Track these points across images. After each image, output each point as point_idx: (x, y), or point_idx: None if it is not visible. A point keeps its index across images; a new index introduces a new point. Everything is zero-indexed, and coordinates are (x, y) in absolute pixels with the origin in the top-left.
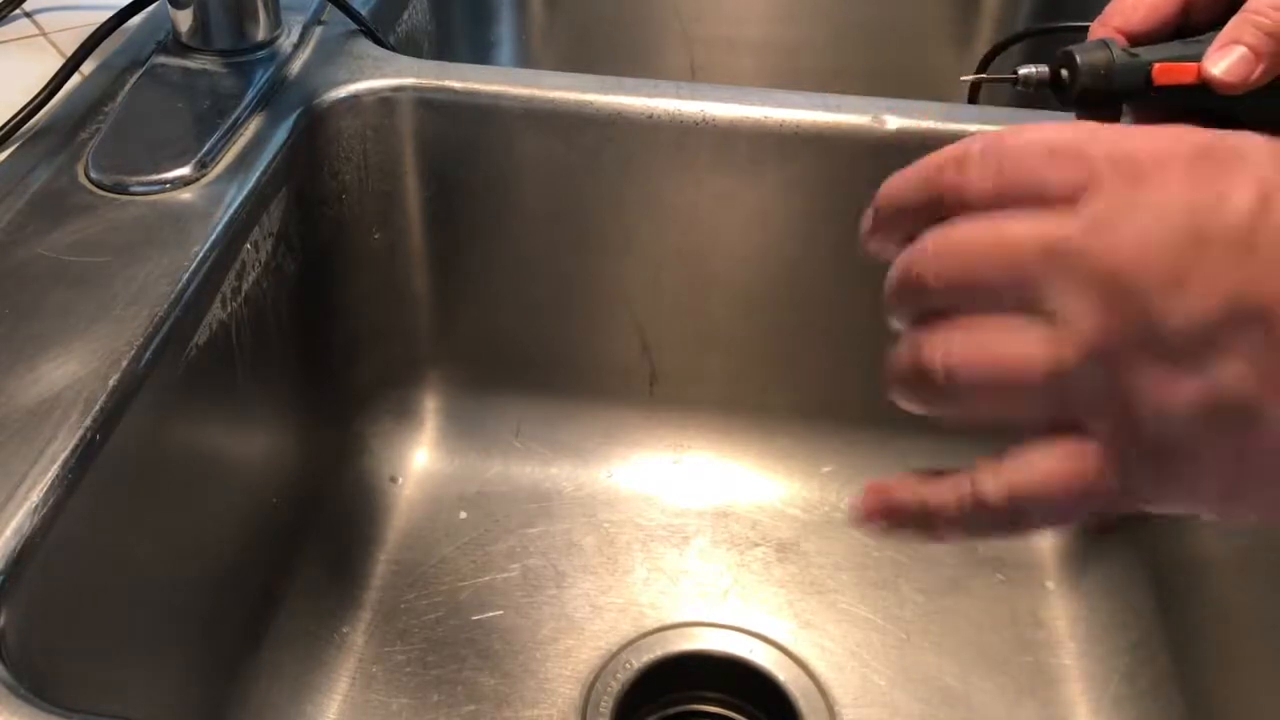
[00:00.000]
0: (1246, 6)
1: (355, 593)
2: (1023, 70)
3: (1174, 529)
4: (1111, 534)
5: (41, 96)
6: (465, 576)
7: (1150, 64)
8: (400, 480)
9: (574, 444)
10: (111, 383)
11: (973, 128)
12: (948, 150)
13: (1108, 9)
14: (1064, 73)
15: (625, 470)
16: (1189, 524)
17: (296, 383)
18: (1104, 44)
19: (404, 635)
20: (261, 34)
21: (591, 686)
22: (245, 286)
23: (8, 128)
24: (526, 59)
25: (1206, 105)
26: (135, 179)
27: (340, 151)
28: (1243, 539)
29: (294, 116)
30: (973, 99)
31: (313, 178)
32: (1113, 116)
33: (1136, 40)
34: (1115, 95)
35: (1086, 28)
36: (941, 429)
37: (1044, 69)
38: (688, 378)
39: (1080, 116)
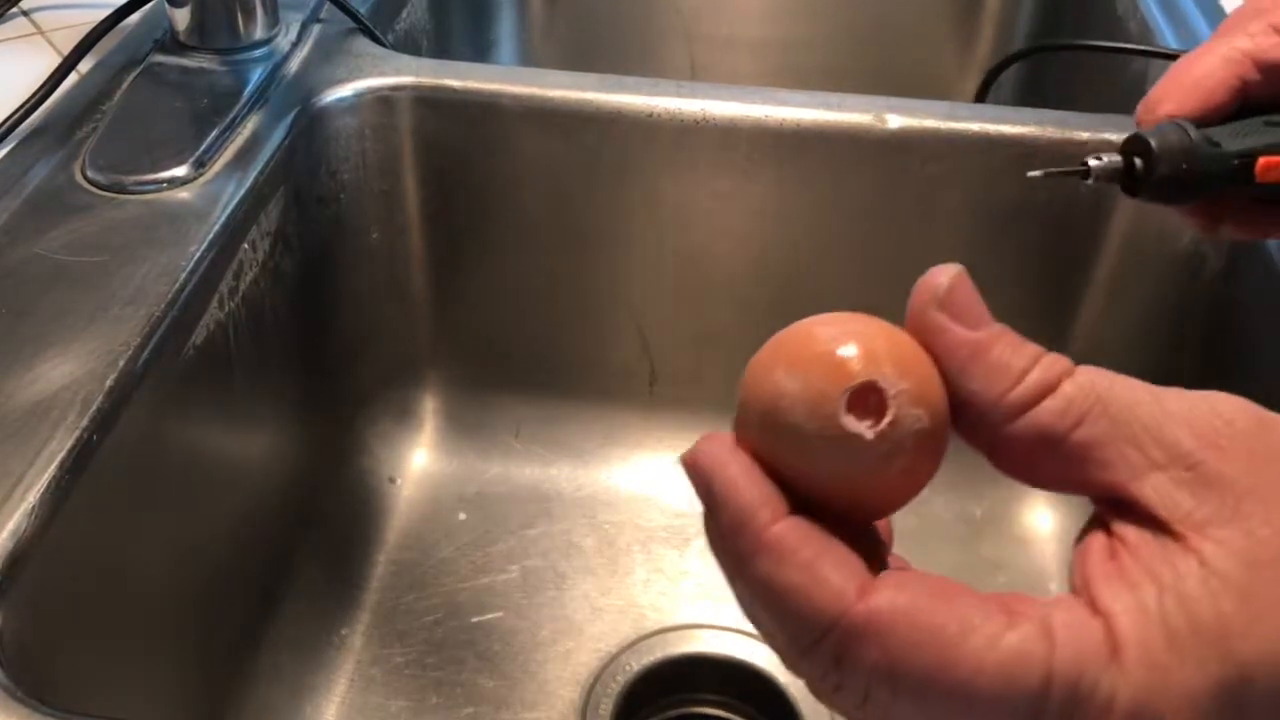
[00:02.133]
0: None
1: (354, 594)
2: (1093, 162)
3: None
4: None
5: (39, 95)
6: (464, 578)
7: (1233, 154)
8: (399, 481)
9: (574, 445)
10: (109, 383)
11: (974, 127)
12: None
13: (1157, 92)
14: (1138, 161)
15: (625, 471)
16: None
17: (295, 383)
18: (1178, 127)
19: (403, 637)
20: (259, 32)
21: (591, 689)
22: (243, 286)
23: (5, 127)
24: (526, 57)
25: None
26: (132, 178)
27: (338, 151)
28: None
29: (292, 115)
30: (980, 98)
31: (311, 177)
32: (1192, 203)
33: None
34: (1196, 183)
35: (1093, 47)
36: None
37: (1116, 159)
38: (688, 378)
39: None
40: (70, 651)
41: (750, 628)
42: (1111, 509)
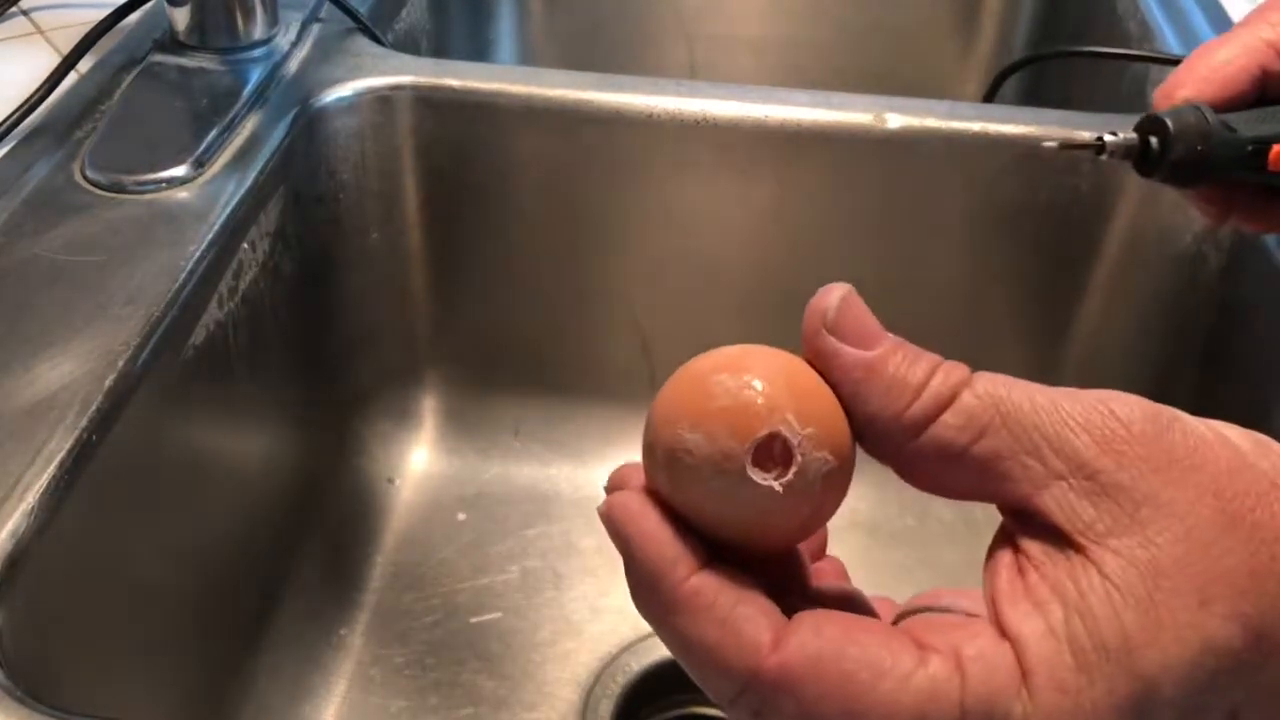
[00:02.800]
0: None
1: (353, 595)
2: (1108, 138)
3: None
4: None
5: (38, 95)
6: (463, 578)
7: (1248, 140)
8: (398, 481)
9: (573, 445)
10: (108, 384)
11: (975, 127)
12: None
13: (1176, 76)
14: (1153, 140)
15: None
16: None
17: (294, 383)
18: (1196, 109)
19: (402, 638)
20: (259, 32)
21: (590, 689)
22: (242, 286)
23: (4, 126)
24: (526, 57)
25: None
26: (132, 178)
27: (338, 150)
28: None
29: (291, 115)
30: (989, 99)
31: (310, 177)
32: (1204, 188)
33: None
34: (1210, 167)
35: (1107, 54)
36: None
37: (1132, 136)
38: None
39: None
40: (70, 651)
41: None
42: (1017, 522)
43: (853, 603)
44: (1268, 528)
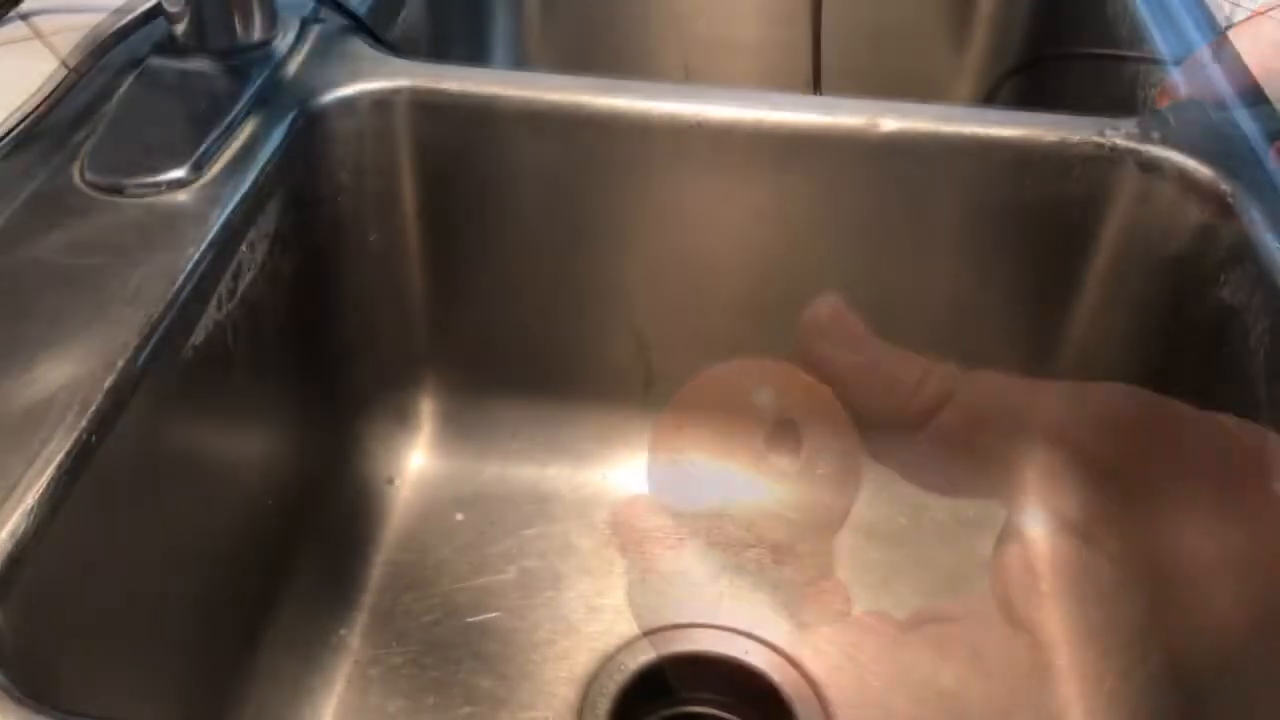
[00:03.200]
0: None
1: (351, 595)
2: (1109, 131)
3: (1168, 529)
4: None
5: (42, 102)
6: (462, 578)
7: (1249, 137)
8: (397, 482)
9: (571, 446)
10: (107, 385)
11: (968, 130)
12: None
13: (1179, 74)
14: (1155, 135)
15: (623, 472)
16: (1182, 525)
17: (293, 384)
18: (1199, 106)
19: (400, 638)
20: (257, 34)
21: (589, 688)
22: (241, 288)
23: (4, 132)
24: (523, 60)
25: None
26: (131, 180)
27: (336, 152)
28: (1237, 538)
29: (290, 117)
30: (989, 101)
31: (309, 179)
32: (1205, 183)
33: None
34: (1212, 163)
35: (1109, 56)
36: (936, 432)
37: (1134, 131)
38: (685, 379)
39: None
40: (70, 651)
41: (747, 627)
42: (1022, 513)
43: None
44: (1268, 510)
